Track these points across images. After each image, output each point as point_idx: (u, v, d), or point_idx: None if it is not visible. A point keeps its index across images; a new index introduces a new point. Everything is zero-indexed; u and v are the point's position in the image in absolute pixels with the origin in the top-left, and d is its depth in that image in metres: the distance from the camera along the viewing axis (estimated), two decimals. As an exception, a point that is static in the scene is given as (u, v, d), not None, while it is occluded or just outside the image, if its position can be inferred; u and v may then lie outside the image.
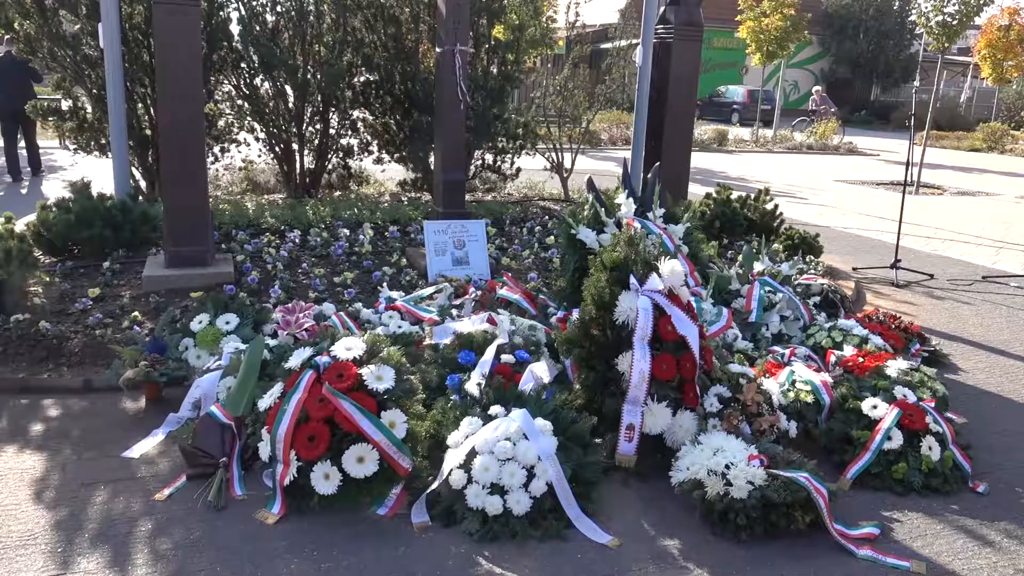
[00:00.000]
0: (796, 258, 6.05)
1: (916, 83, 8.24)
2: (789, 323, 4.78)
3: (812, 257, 6.58)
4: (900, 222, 7.30)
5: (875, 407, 3.51)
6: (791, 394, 3.70)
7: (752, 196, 7.39)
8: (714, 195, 7.30)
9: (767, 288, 4.88)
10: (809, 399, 3.66)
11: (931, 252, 8.34)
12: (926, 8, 13.57)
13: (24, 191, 10.31)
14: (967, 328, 5.66)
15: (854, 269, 7.13)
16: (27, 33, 7.16)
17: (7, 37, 8.10)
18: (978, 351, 5.18)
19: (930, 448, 3.36)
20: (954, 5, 13.22)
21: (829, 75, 37.80)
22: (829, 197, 12.41)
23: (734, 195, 7.33)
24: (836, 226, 9.66)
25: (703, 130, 21.16)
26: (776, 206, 7.31)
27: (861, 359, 4.03)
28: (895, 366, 3.87)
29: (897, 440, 3.37)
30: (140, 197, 6.46)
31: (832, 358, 4.21)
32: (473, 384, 3.43)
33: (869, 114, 34.94)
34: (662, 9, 6.34)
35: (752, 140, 22.26)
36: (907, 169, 7.86)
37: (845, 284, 6.34)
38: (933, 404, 3.59)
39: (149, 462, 3.30)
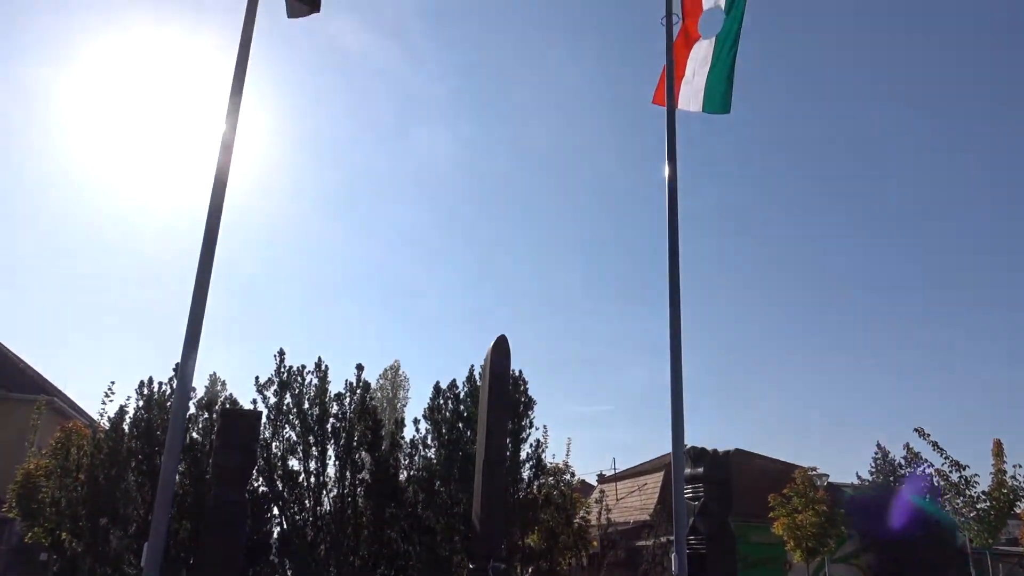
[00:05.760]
0: None
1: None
2: None
3: None
4: None
5: None
6: None
7: None
8: None
9: None
10: None
11: None
12: (959, 503, 13.61)
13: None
14: None
15: None
16: (74, 553, 7.35)
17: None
18: None
19: None
20: (985, 502, 13.29)
21: (877, 570, 36.33)
22: None
23: None
24: None
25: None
26: None
27: None
28: None
29: None
30: None
31: None
32: None
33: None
34: (692, 520, 6.44)
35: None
36: None
37: None
38: None
39: None
